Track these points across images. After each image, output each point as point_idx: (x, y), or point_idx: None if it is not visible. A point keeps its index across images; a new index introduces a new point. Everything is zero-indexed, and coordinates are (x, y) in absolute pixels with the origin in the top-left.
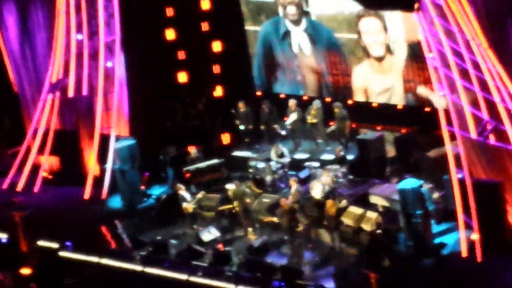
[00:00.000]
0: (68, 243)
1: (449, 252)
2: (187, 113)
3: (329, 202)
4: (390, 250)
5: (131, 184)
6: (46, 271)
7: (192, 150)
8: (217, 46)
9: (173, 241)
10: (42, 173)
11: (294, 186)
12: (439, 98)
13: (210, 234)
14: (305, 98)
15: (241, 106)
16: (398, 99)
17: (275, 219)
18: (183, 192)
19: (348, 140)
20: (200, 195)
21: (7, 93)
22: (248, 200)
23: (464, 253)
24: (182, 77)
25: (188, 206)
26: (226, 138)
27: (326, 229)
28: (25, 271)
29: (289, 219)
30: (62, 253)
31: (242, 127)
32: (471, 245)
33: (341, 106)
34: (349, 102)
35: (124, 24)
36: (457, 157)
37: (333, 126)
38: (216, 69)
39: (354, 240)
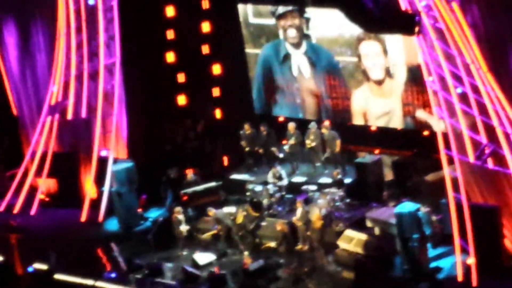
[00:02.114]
0: (63, 266)
1: (445, 276)
2: (186, 136)
3: (315, 216)
4: (380, 274)
5: (128, 207)
6: None
7: (189, 173)
8: (217, 69)
9: (168, 264)
10: (40, 196)
11: (300, 208)
12: (438, 122)
13: (205, 257)
14: (304, 121)
15: (247, 128)
16: (397, 123)
17: (272, 244)
18: (179, 215)
19: (343, 162)
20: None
21: (6, 115)
22: (229, 223)
23: (460, 278)
24: (182, 99)
25: (183, 229)
26: (225, 161)
27: (319, 249)
28: None
29: (286, 243)
30: (58, 276)
31: (247, 149)
32: (467, 269)
33: (329, 126)
34: (348, 125)
35: (124, 46)
36: (455, 181)
37: (327, 152)
38: (216, 91)
39: (350, 264)
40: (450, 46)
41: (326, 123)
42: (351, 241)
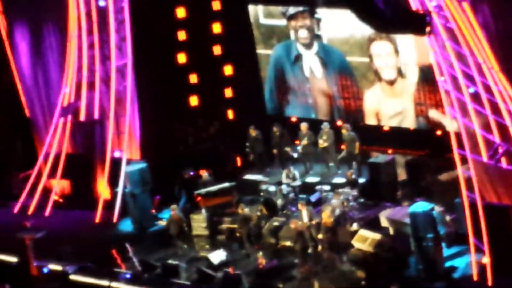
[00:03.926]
0: (78, 267)
1: (460, 276)
2: (199, 137)
3: (325, 214)
4: (391, 273)
5: (142, 208)
6: None
7: (204, 173)
8: (228, 70)
9: (183, 264)
10: (53, 197)
11: (304, 209)
12: (450, 122)
13: (220, 257)
14: (316, 121)
15: (252, 131)
16: (409, 123)
17: (288, 243)
18: (178, 213)
19: (360, 163)
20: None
21: (19, 117)
22: (253, 225)
23: (475, 277)
24: (194, 100)
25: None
26: (238, 161)
27: (333, 249)
28: None
29: (301, 242)
30: (73, 277)
31: (252, 156)
32: (482, 268)
33: (349, 128)
34: (361, 125)
35: (136, 47)
36: (469, 181)
37: (343, 152)
38: (228, 92)
39: (365, 263)
40: (462, 45)
41: (346, 125)
42: (366, 241)
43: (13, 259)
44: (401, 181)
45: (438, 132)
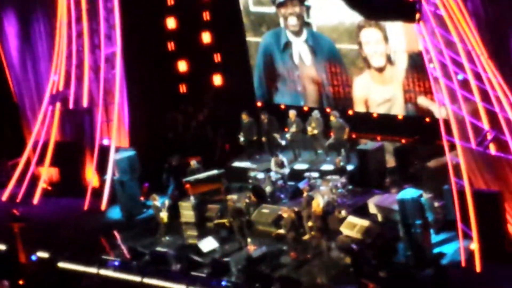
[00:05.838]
0: (67, 254)
1: (449, 262)
2: (188, 124)
3: (315, 202)
4: (376, 259)
5: (131, 195)
6: (45, 282)
7: (193, 161)
8: (217, 57)
9: (171, 252)
10: (42, 185)
11: (305, 194)
12: (439, 108)
13: (209, 244)
14: (305, 108)
15: (245, 117)
16: (398, 110)
17: (281, 231)
18: (156, 202)
19: (348, 150)
20: (167, 202)
21: (7, 104)
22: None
23: (464, 263)
24: (183, 88)
25: (164, 216)
26: (227, 149)
27: (322, 236)
28: (23, 281)
29: (294, 228)
30: (61, 264)
31: (242, 139)
32: (470, 255)
33: (338, 115)
34: (350, 112)
35: (125, 35)
36: (457, 167)
37: (332, 138)
38: (217, 80)
39: (353, 250)
40: (451, 32)
41: (335, 112)
42: (354, 227)
43: (1, 246)
44: (390, 168)
45: (427, 119)
